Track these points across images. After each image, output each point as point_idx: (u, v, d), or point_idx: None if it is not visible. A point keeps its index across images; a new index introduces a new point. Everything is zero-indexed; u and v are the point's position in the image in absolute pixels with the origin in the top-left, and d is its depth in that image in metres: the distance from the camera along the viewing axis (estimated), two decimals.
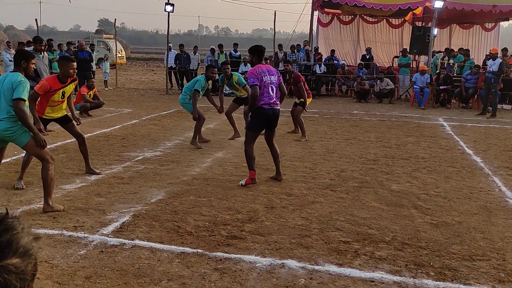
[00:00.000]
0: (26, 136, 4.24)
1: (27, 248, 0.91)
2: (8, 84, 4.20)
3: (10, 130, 4.20)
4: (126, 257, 3.40)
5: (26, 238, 0.92)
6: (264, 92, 5.13)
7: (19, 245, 0.89)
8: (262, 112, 5.15)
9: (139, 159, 6.41)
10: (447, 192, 5.20)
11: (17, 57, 4.40)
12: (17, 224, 0.92)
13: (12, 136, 4.24)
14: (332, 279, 3.15)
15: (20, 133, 4.23)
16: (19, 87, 4.14)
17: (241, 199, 4.78)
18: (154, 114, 10.69)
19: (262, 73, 5.14)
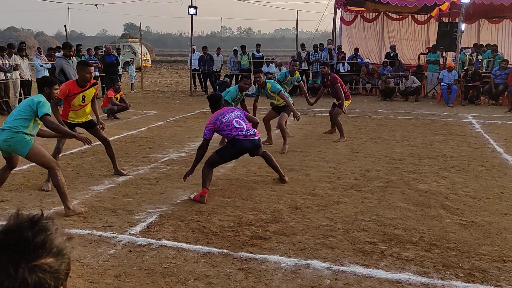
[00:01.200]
0: (27, 146, 4.28)
1: (60, 248, 0.94)
2: (29, 101, 4.36)
3: (8, 142, 4.25)
4: (154, 256, 3.47)
5: (60, 238, 0.95)
6: (231, 126, 4.90)
7: (53, 245, 0.93)
8: (237, 144, 4.88)
9: (165, 160, 6.52)
10: (477, 191, 5.07)
11: (40, 83, 4.54)
12: (51, 225, 0.96)
13: (11, 147, 4.28)
14: (358, 280, 3.13)
15: (20, 144, 4.26)
16: (43, 106, 4.29)
17: (265, 199, 4.80)
18: (179, 116, 10.84)
19: (219, 117, 4.97)
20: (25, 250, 0.89)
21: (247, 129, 4.95)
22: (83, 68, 5.33)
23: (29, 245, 0.90)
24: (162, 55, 49.42)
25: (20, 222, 0.94)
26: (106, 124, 9.87)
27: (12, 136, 4.25)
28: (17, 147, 4.29)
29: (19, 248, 0.90)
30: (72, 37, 45.41)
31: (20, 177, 5.60)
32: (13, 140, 4.26)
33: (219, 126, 4.92)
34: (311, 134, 8.63)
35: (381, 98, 14.06)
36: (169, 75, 25.74)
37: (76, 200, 4.77)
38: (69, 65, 8.44)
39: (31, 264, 0.88)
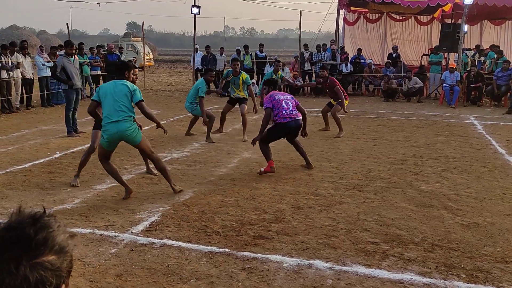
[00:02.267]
0: (140, 134, 4.74)
1: (62, 245, 0.93)
2: (123, 90, 4.62)
3: (130, 129, 4.61)
4: (156, 256, 3.47)
5: (62, 235, 0.95)
6: (280, 104, 5.76)
7: (55, 243, 0.92)
8: (283, 125, 5.71)
9: (167, 160, 6.52)
10: (479, 192, 5.06)
11: (121, 68, 4.82)
12: (53, 222, 0.95)
13: (132, 135, 4.64)
14: (360, 280, 3.12)
15: (137, 132, 4.68)
16: (137, 92, 4.66)
17: (267, 199, 4.80)
18: (181, 115, 10.84)
19: (273, 95, 5.91)
20: (27, 247, 0.89)
21: (291, 110, 5.75)
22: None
23: (31, 242, 0.89)
24: (164, 55, 49.46)
25: (22, 219, 0.94)
26: None
27: (130, 125, 4.61)
28: (135, 135, 4.66)
29: (21, 245, 0.89)
30: (74, 36, 45.46)
31: (21, 176, 5.61)
32: (132, 128, 4.63)
33: (272, 102, 5.77)
34: (314, 135, 8.62)
35: (384, 98, 14.04)
36: (172, 74, 25.75)
37: (78, 199, 4.78)
38: (71, 64, 8.43)
39: (32, 262, 0.87)
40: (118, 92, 4.60)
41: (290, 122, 5.70)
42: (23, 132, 8.56)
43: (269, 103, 5.83)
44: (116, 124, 4.56)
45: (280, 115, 5.69)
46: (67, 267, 0.93)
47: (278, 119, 5.70)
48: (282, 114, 5.68)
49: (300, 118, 5.81)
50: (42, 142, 7.72)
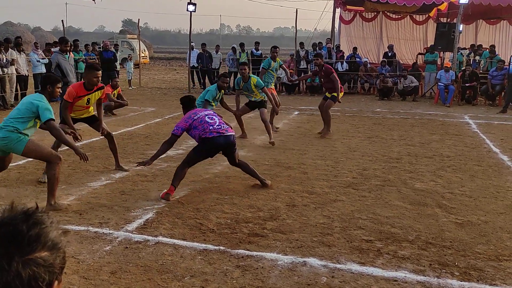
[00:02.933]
0: (21, 144, 4.27)
1: (55, 241, 0.93)
2: (27, 104, 4.31)
3: (5, 140, 4.24)
4: (150, 253, 3.46)
5: (55, 232, 0.94)
6: (203, 121, 4.84)
7: (47, 239, 0.91)
8: (210, 140, 4.76)
9: (162, 157, 6.48)
10: (473, 191, 5.09)
11: (43, 81, 4.48)
12: (46, 218, 0.95)
13: (8, 145, 4.27)
14: (354, 278, 3.13)
15: (16, 141, 4.26)
16: (44, 111, 4.26)
17: (262, 197, 4.80)
18: (177, 113, 10.81)
19: (191, 115, 4.95)
20: (19, 243, 0.88)
21: (219, 124, 4.88)
22: (91, 72, 5.33)
23: (23, 239, 0.88)
24: (160, 52, 49.30)
25: (15, 215, 0.93)
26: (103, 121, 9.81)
27: (7, 135, 4.25)
28: (13, 146, 4.28)
29: (13, 242, 0.88)
30: (69, 33, 45.21)
31: (15, 173, 5.58)
32: (9, 139, 4.25)
33: (191, 124, 4.84)
34: (309, 133, 8.63)
35: (379, 97, 14.07)
36: (167, 72, 25.68)
37: (72, 196, 4.76)
38: (66, 61, 8.38)
39: (25, 258, 0.87)
40: (25, 101, 4.39)
41: (218, 138, 4.76)
42: None
43: (180, 128, 4.88)
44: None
45: (206, 130, 4.77)
46: (60, 264, 0.92)
47: (203, 134, 4.77)
48: (209, 129, 4.77)
49: (232, 135, 4.94)
50: (36, 138, 7.65)
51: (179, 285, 3.00)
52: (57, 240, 0.93)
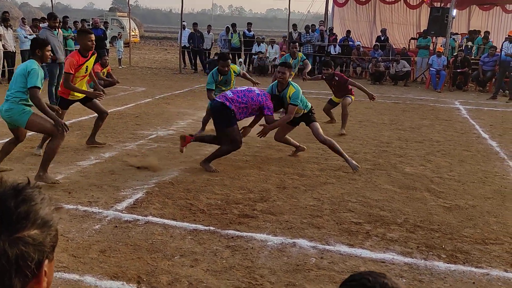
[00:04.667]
0: (25, 116, 4.28)
1: (46, 219, 0.89)
2: (21, 70, 4.27)
3: (9, 111, 4.27)
4: (140, 232, 3.45)
5: (46, 208, 0.90)
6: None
7: (37, 216, 0.87)
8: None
9: (152, 137, 6.45)
10: (461, 175, 5.14)
11: (32, 45, 4.40)
12: (36, 194, 0.91)
13: (12, 117, 4.30)
14: (343, 259, 3.17)
15: (19, 113, 4.27)
16: (33, 75, 4.19)
17: (253, 178, 4.80)
18: (167, 93, 10.71)
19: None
20: (7, 221, 0.84)
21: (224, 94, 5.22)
22: (84, 36, 5.31)
23: (11, 216, 0.85)
24: (151, 31, 48.48)
25: (3, 190, 0.89)
26: None
27: (11, 107, 4.26)
28: (17, 118, 4.30)
29: (1, 219, 0.85)
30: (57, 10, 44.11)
31: None
32: (13, 111, 4.26)
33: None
34: None
35: (371, 81, 14.07)
36: (158, 51, 25.32)
37: (61, 175, 4.71)
38: (54, 37, 8.20)
39: (13, 237, 0.83)
40: (18, 71, 4.32)
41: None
42: None
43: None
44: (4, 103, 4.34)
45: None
46: (50, 242, 0.89)
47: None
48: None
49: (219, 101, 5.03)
50: None
51: (169, 264, 3.00)
52: (48, 217, 0.89)
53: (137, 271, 2.90)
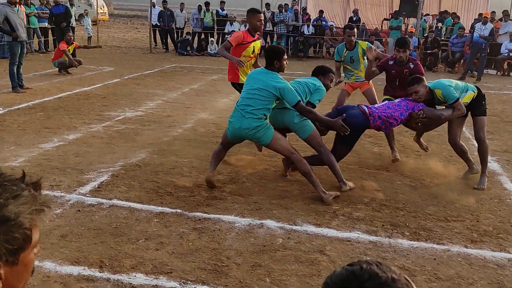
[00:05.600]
0: (270, 133, 3.82)
1: (8, 217, 0.80)
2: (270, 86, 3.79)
3: (255, 129, 3.78)
4: (104, 216, 3.37)
5: (16, 206, 0.81)
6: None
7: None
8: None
9: (120, 119, 6.29)
10: (427, 155, 5.24)
11: (270, 55, 3.93)
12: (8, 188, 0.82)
13: (255, 135, 3.81)
14: (310, 239, 3.18)
15: (265, 131, 3.81)
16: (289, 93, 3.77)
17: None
18: (136, 73, 10.43)
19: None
20: None
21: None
22: (252, 15, 5.09)
23: None
24: (120, 9, 46.99)
25: None
26: (57, 80, 9.39)
27: (259, 123, 3.78)
28: (262, 135, 3.81)
29: None
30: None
31: None
32: (260, 127, 3.79)
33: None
34: None
35: None
36: (128, 30, 24.59)
37: (22, 158, 4.53)
38: (15, 13, 7.79)
39: None
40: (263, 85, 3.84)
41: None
42: None
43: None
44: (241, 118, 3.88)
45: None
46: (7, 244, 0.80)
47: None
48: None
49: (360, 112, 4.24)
50: None
51: (133, 247, 2.94)
52: (11, 215, 0.80)
53: (100, 255, 2.83)
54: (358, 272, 0.79)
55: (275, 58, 3.91)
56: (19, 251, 0.82)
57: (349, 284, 0.78)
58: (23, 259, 0.84)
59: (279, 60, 3.91)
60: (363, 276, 0.78)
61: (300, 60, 14.36)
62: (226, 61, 6.92)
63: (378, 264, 0.81)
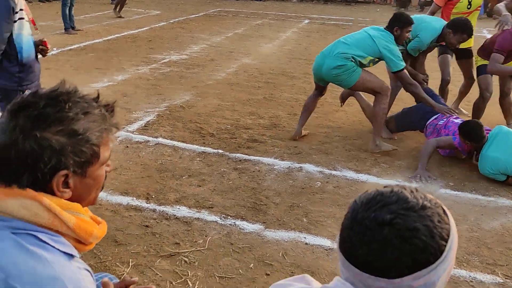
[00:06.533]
0: (355, 76, 3.56)
1: (77, 131, 0.85)
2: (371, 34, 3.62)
3: (337, 70, 3.55)
4: (150, 153, 3.53)
5: (86, 122, 0.87)
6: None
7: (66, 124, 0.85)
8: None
9: (165, 62, 6.38)
10: None
11: (393, 19, 3.69)
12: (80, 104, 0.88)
13: (338, 76, 3.57)
14: (349, 184, 3.20)
15: (348, 74, 3.55)
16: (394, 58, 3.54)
17: (264, 105, 4.76)
18: (182, 17, 10.41)
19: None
20: (33, 117, 0.83)
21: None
22: None
23: (37, 113, 0.84)
24: None
25: (46, 92, 0.88)
26: (106, 22, 9.55)
27: (343, 63, 3.52)
28: (344, 78, 3.56)
29: (29, 114, 0.84)
30: None
31: None
32: (342, 69, 3.53)
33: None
34: (318, 42, 8.33)
35: (396, 7, 13.33)
36: None
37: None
38: None
39: (32, 133, 0.82)
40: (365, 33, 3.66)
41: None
42: None
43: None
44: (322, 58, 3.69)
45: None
46: (75, 156, 0.86)
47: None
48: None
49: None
50: (39, 38, 7.50)
51: (177, 183, 3.09)
52: (80, 130, 0.86)
53: (146, 188, 3.00)
54: (387, 193, 0.77)
55: (397, 25, 3.62)
56: (86, 164, 0.89)
57: (375, 204, 0.76)
58: (91, 173, 0.91)
59: (400, 29, 3.61)
60: (390, 198, 0.76)
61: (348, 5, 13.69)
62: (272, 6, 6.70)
63: (413, 190, 0.78)
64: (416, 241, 0.71)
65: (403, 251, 0.71)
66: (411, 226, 0.72)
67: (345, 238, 0.78)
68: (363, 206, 0.77)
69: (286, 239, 2.55)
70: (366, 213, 0.75)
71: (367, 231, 0.74)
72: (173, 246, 2.43)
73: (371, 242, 0.73)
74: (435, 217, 0.74)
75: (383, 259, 0.72)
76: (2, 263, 0.80)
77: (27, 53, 2.60)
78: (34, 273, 0.80)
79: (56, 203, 0.86)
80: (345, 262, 0.77)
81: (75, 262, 0.87)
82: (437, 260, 0.73)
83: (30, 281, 0.79)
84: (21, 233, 0.84)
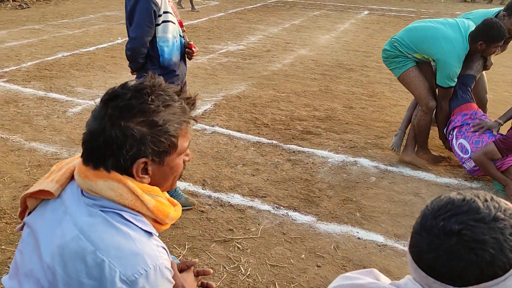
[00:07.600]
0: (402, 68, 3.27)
1: (158, 122, 0.91)
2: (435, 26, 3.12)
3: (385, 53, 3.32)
4: (206, 141, 3.63)
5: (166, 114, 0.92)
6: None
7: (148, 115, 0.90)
8: None
9: (222, 52, 6.49)
10: None
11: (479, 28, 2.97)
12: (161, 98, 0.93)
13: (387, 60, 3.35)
14: (405, 180, 3.12)
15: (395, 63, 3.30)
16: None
17: (320, 97, 4.73)
18: (240, 8, 10.50)
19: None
20: (120, 107, 0.90)
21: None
22: None
23: (123, 104, 0.91)
24: None
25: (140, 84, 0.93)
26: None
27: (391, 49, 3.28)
28: (392, 64, 3.33)
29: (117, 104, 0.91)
30: None
31: (86, 58, 5.86)
32: (390, 53, 3.29)
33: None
34: (377, 34, 8.10)
35: None
36: None
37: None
38: None
39: (118, 122, 0.89)
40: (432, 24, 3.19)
41: None
42: (88, 17, 8.77)
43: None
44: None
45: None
46: (154, 145, 0.91)
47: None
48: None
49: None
50: (105, 27, 7.90)
51: (232, 171, 3.17)
52: (161, 121, 0.91)
53: (202, 175, 3.11)
54: (458, 202, 0.75)
55: (483, 38, 2.92)
56: (164, 154, 0.95)
57: (444, 212, 0.75)
58: (169, 162, 0.97)
59: (486, 44, 2.94)
60: (461, 207, 0.74)
61: (464, 1, 12.94)
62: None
63: (488, 199, 0.75)
64: (483, 253, 0.70)
65: (469, 262, 0.70)
66: (479, 238, 0.70)
67: (414, 243, 0.78)
68: (433, 213, 0.76)
69: (338, 232, 2.55)
70: (435, 221, 0.75)
71: (435, 239, 0.74)
72: (227, 232, 2.51)
73: (438, 250, 0.73)
74: (507, 230, 0.71)
75: (450, 267, 0.72)
76: (92, 237, 0.89)
77: (170, 55, 2.57)
78: (119, 248, 0.88)
79: (138, 186, 0.93)
80: (413, 264, 0.78)
81: (153, 240, 0.94)
82: (507, 273, 0.71)
83: (116, 255, 0.87)
84: (109, 211, 0.92)
